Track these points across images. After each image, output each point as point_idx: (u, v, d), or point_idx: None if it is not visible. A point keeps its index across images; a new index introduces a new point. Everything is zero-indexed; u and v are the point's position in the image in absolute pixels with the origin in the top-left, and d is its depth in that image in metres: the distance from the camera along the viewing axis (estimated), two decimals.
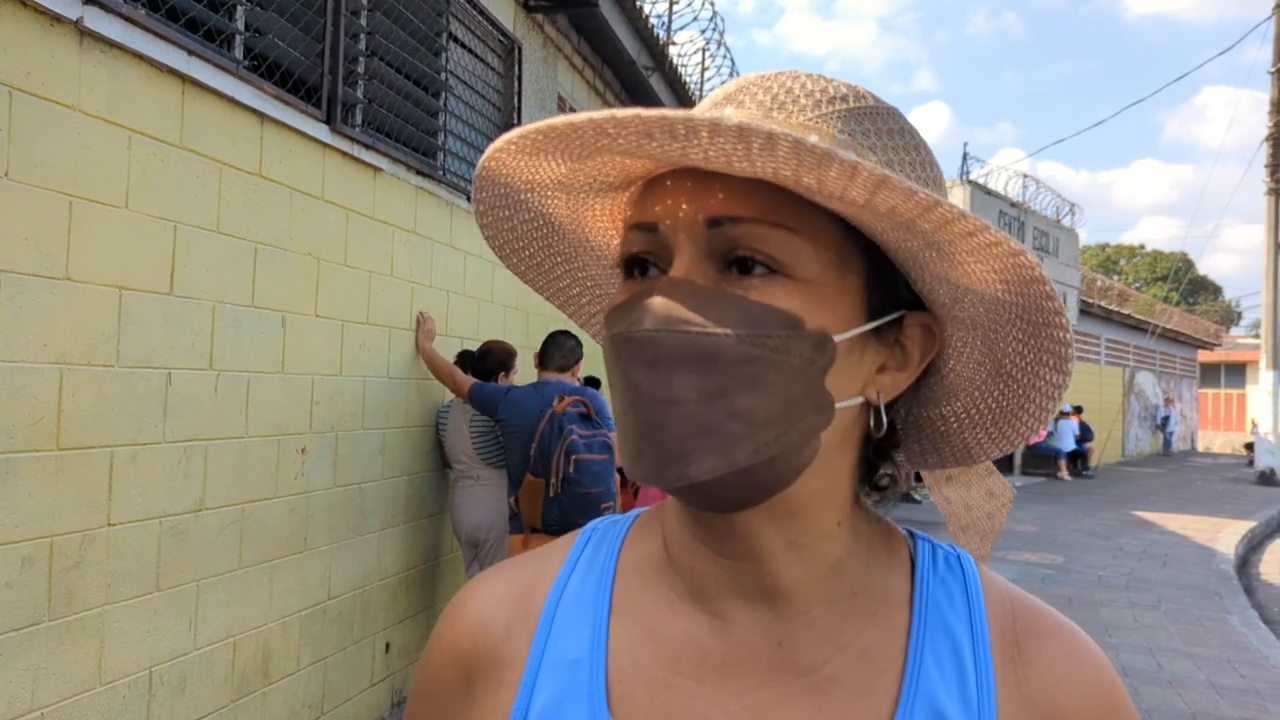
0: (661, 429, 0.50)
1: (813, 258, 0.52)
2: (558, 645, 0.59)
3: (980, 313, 0.56)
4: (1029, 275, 0.50)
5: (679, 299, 0.50)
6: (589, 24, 5.70)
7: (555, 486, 3.56)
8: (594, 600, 0.61)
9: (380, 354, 3.73)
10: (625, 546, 0.64)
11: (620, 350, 0.51)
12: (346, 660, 3.52)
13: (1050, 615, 0.60)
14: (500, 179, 0.59)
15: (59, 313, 2.23)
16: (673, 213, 0.52)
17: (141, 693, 2.52)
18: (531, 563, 0.66)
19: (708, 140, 0.45)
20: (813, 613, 0.58)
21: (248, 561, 2.94)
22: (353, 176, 3.49)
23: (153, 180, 2.51)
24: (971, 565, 0.62)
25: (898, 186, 0.45)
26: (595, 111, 0.46)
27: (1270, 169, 16.35)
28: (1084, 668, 0.57)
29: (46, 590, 2.22)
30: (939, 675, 0.55)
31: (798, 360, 0.51)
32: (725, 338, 0.49)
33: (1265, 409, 16.74)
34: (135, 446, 2.48)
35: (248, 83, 2.84)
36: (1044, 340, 0.54)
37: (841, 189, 0.46)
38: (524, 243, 0.65)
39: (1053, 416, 0.59)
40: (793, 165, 0.45)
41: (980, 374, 0.60)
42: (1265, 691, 4.88)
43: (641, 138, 0.47)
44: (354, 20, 3.48)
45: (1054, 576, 7.74)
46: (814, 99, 0.54)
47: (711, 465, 0.50)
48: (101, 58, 2.33)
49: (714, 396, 0.50)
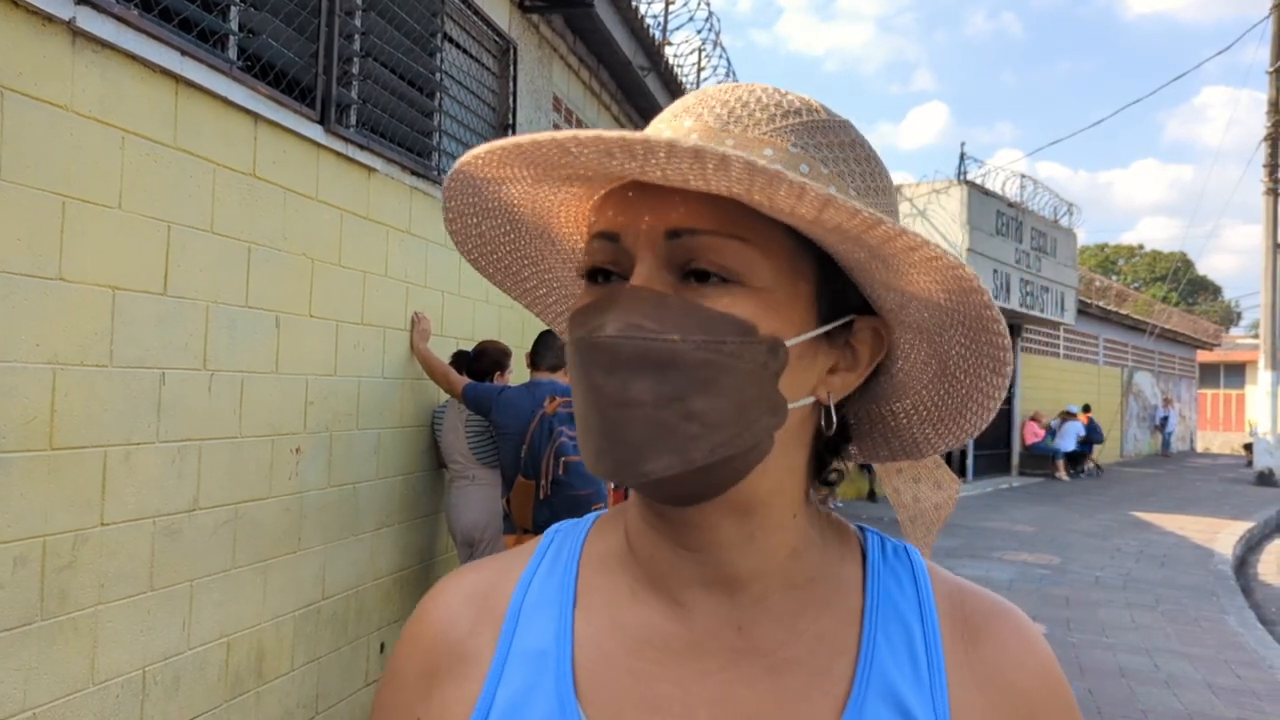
0: (621, 429, 0.52)
1: (766, 267, 0.54)
2: (524, 638, 0.61)
3: (925, 317, 0.59)
4: (967, 286, 0.53)
5: (638, 306, 0.53)
6: (584, 24, 5.70)
7: (545, 488, 3.56)
8: (558, 594, 0.63)
9: (375, 354, 3.74)
10: (588, 542, 0.67)
11: (582, 354, 0.54)
12: (341, 660, 3.52)
13: (995, 599, 0.64)
14: (469, 189, 0.61)
15: (52, 313, 2.23)
16: (634, 224, 0.55)
17: (135, 693, 2.52)
18: (496, 563, 0.68)
19: (665, 160, 0.48)
20: (770, 599, 0.60)
21: (241, 561, 2.94)
22: (347, 177, 3.49)
23: (146, 180, 2.51)
24: (918, 556, 0.66)
25: (842, 206, 0.48)
26: (559, 131, 0.49)
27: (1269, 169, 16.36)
28: (1030, 646, 0.61)
29: (39, 590, 2.22)
30: (892, 657, 0.59)
31: (751, 365, 0.54)
32: (682, 344, 0.52)
33: (1264, 409, 16.75)
34: (128, 446, 2.48)
35: (241, 83, 2.84)
36: (984, 345, 0.58)
37: (790, 206, 0.49)
38: (492, 247, 0.68)
39: (992, 415, 0.62)
40: (745, 184, 0.48)
41: (927, 373, 0.63)
42: (1262, 692, 4.88)
43: (602, 157, 0.50)
44: (348, 20, 3.48)
45: (1051, 577, 7.75)
46: (769, 113, 0.57)
47: (668, 463, 0.53)
48: (94, 58, 2.33)
49: (671, 399, 0.52)
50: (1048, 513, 12.02)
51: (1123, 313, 22.40)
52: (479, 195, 0.62)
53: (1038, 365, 18.24)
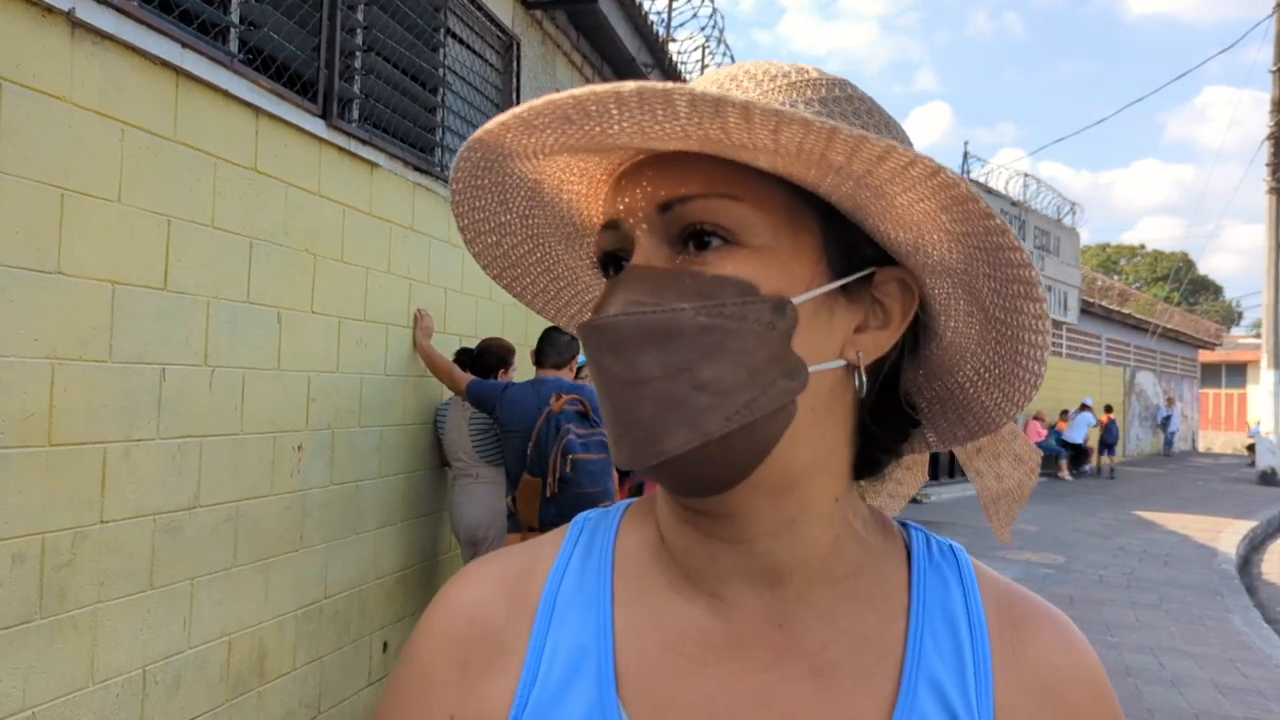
0: (632, 410, 0.51)
1: (761, 222, 0.52)
2: (561, 632, 0.59)
3: (945, 255, 0.55)
4: (957, 194, 0.49)
5: (637, 283, 0.53)
6: (588, 20, 5.68)
7: (552, 486, 3.53)
8: (595, 588, 0.61)
9: (377, 351, 3.71)
10: (620, 535, 0.64)
11: (588, 340, 0.53)
12: (343, 659, 3.49)
13: (1043, 603, 0.62)
14: (476, 204, 0.61)
15: (50, 307, 2.21)
16: (630, 206, 0.55)
17: (135, 692, 2.49)
18: (524, 553, 0.66)
19: (617, 114, 0.47)
20: (813, 594, 0.58)
21: (242, 559, 2.91)
22: (349, 172, 3.46)
23: (146, 174, 2.48)
24: (965, 556, 0.63)
25: (793, 118, 0.44)
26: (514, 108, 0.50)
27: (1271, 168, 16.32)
28: (1078, 652, 0.59)
29: (38, 588, 2.19)
30: (939, 658, 0.56)
31: (757, 326, 0.51)
32: (681, 312, 0.51)
33: (1266, 409, 16.72)
34: (128, 443, 2.45)
35: (242, 76, 2.81)
36: (1005, 267, 0.53)
37: (745, 134, 0.47)
38: (509, 262, 0.67)
39: (1046, 353, 0.57)
40: (692, 120, 0.47)
41: (974, 327, 0.59)
42: (1268, 691, 4.85)
43: (561, 124, 0.50)
44: (350, 14, 3.45)
45: (1055, 576, 7.72)
46: (755, 79, 0.56)
47: (684, 438, 0.51)
48: (93, 49, 2.30)
49: (678, 371, 0.51)
50: (1051, 512, 11.99)
51: (1125, 312, 22.37)
52: (487, 213, 0.62)
53: None
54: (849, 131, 0.45)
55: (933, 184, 0.48)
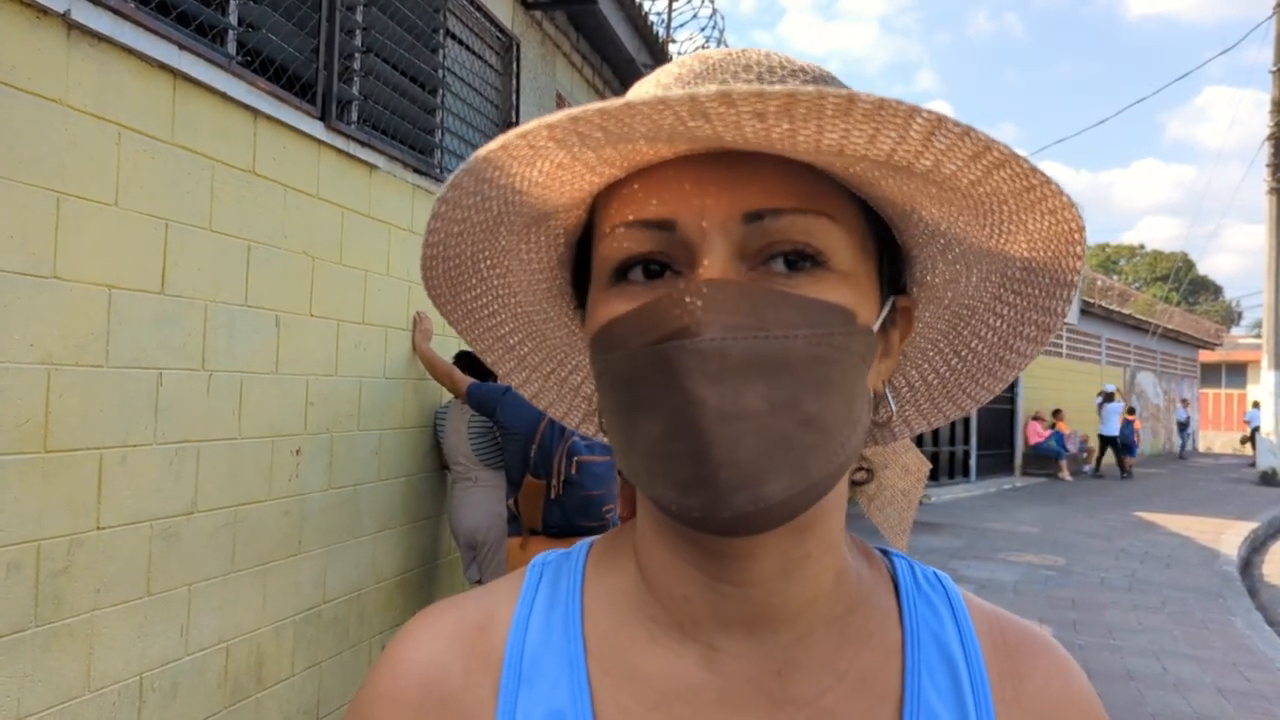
0: (730, 449, 0.44)
1: (849, 247, 0.49)
2: (532, 694, 0.53)
3: (969, 290, 0.54)
4: (1069, 251, 0.49)
5: (730, 302, 0.45)
6: (588, 21, 5.66)
7: (556, 488, 3.51)
8: (565, 642, 0.55)
9: (376, 354, 3.69)
10: (588, 579, 0.58)
11: (674, 363, 0.44)
12: (342, 665, 3.47)
13: (1034, 629, 0.60)
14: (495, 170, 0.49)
15: (46, 312, 2.19)
16: (696, 208, 0.47)
17: (132, 699, 2.47)
18: (479, 600, 0.59)
19: (830, 117, 0.40)
20: (813, 635, 0.54)
21: (240, 565, 2.89)
22: (348, 174, 3.44)
23: (143, 177, 2.46)
24: (951, 583, 0.61)
25: (1021, 165, 0.42)
26: (695, 89, 0.40)
27: (1271, 168, 16.30)
28: (1076, 681, 0.58)
29: (33, 595, 2.17)
30: (938, 697, 0.53)
31: (855, 357, 0.48)
32: (793, 339, 0.45)
33: (1267, 409, 16.70)
34: (125, 448, 2.43)
35: (240, 78, 2.79)
36: (1033, 312, 0.53)
37: (956, 169, 0.43)
38: (460, 247, 0.56)
39: (1004, 386, 0.58)
40: (915, 143, 0.41)
41: (929, 351, 0.58)
42: (1271, 695, 4.83)
43: (749, 118, 0.41)
44: (349, 16, 3.43)
45: (1056, 578, 7.70)
46: (799, 79, 0.51)
47: (789, 482, 0.45)
48: (90, 51, 2.28)
49: (785, 406, 0.45)
50: (1051, 513, 11.97)
51: (1125, 313, 22.34)
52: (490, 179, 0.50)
53: (1040, 365, 18.18)
54: (1025, 160, 0.43)
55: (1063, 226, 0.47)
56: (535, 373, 0.65)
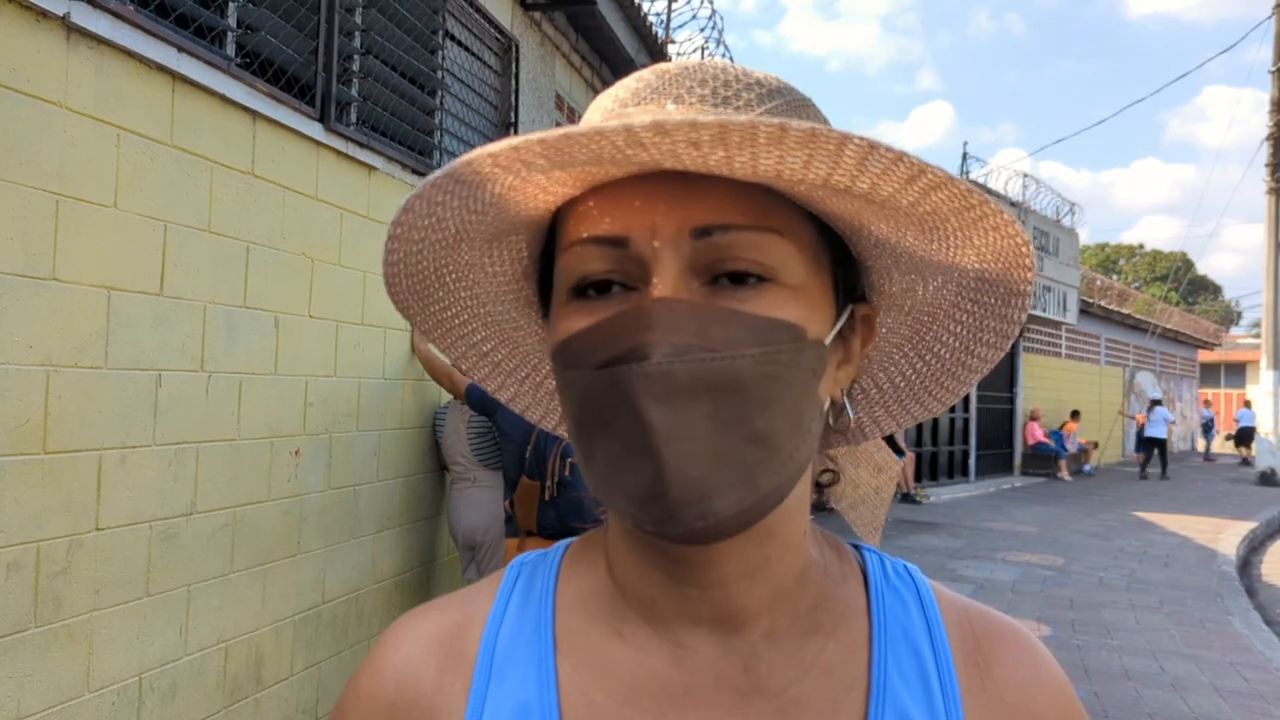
0: (680, 467, 0.45)
1: (799, 262, 0.50)
2: (501, 690, 0.55)
3: (927, 297, 0.56)
4: (1018, 264, 0.51)
5: (678, 322, 0.46)
6: (587, 22, 5.66)
7: (550, 490, 3.52)
8: (535, 639, 0.56)
9: (375, 355, 3.69)
10: (561, 579, 0.60)
11: (624, 385, 0.46)
12: (341, 665, 3.47)
13: (1004, 619, 0.61)
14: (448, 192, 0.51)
15: (45, 314, 2.19)
16: (647, 224, 0.48)
17: (131, 700, 2.48)
18: (457, 602, 0.61)
19: (764, 145, 0.41)
20: (778, 631, 0.55)
21: (240, 565, 2.90)
22: (347, 175, 3.45)
23: (142, 179, 2.46)
24: (920, 575, 0.62)
25: (957, 188, 0.44)
26: (628, 119, 0.41)
27: (1270, 168, 16.31)
28: (1046, 668, 0.58)
29: (33, 596, 2.18)
30: (904, 686, 0.55)
31: (804, 372, 0.49)
32: (740, 359, 0.46)
33: (1266, 409, 16.71)
34: (124, 449, 2.43)
35: (239, 80, 2.80)
36: (991, 319, 0.55)
37: (892, 191, 0.44)
38: (423, 262, 0.58)
39: (966, 392, 0.60)
40: (850, 170, 0.42)
41: (894, 355, 0.60)
42: (1269, 695, 4.84)
43: (685, 146, 0.42)
44: (348, 17, 3.44)
45: (1055, 578, 7.71)
46: (755, 93, 0.52)
47: (737, 497, 0.46)
48: (89, 54, 2.28)
49: (731, 424, 0.46)
50: (1050, 513, 11.98)
51: (1124, 312, 22.35)
52: (447, 198, 0.52)
53: (1040, 365, 18.19)
54: (965, 185, 0.44)
55: (1007, 243, 0.49)
56: (510, 377, 0.67)
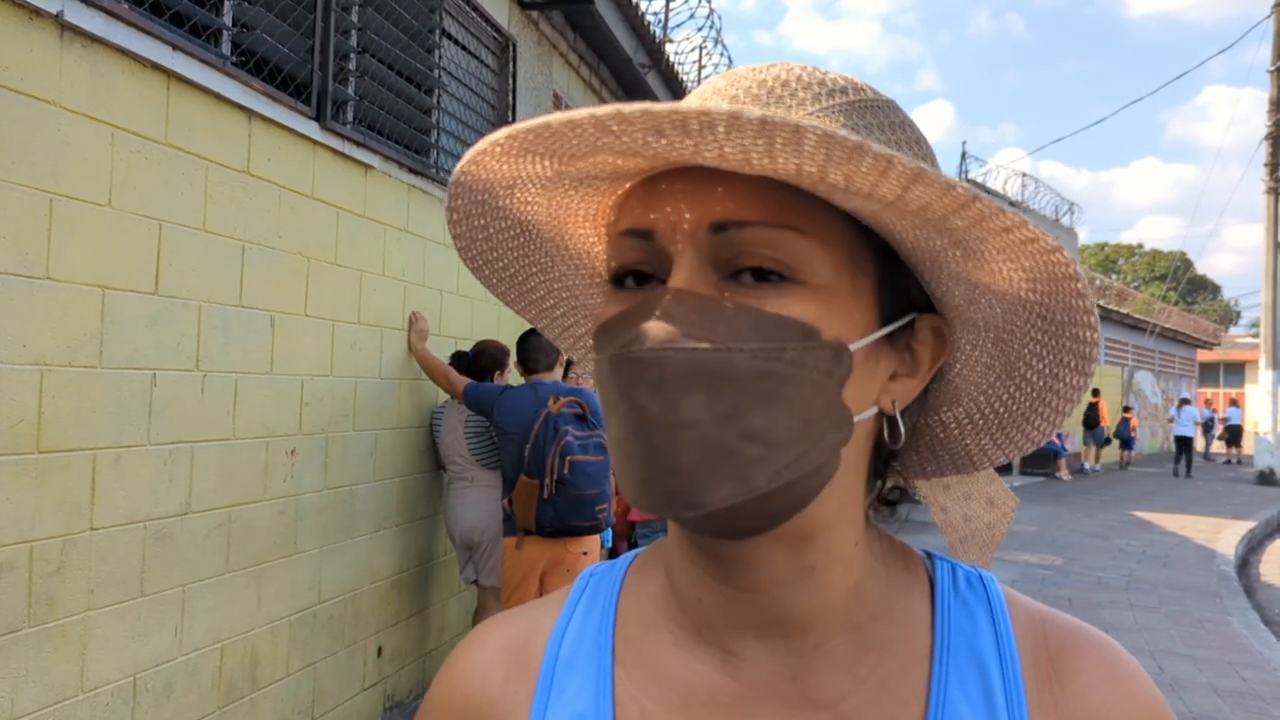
0: (671, 455, 0.46)
1: (824, 261, 0.48)
2: (561, 699, 0.56)
3: (996, 313, 0.53)
4: (1062, 273, 0.47)
5: (683, 313, 0.46)
6: (584, 21, 5.65)
7: (549, 488, 3.51)
8: (595, 648, 0.57)
9: (372, 354, 3.69)
10: (624, 588, 0.61)
11: (620, 371, 0.47)
12: (337, 664, 3.47)
13: (1086, 630, 0.57)
14: (480, 184, 0.54)
15: (39, 313, 2.19)
16: (670, 218, 0.48)
17: (125, 700, 2.47)
18: (529, 612, 0.63)
19: (724, 136, 0.41)
20: (830, 643, 0.54)
21: (235, 565, 2.89)
22: (343, 174, 3.44)
23: (137, 177, 2.46)
24: (995, 584, 0.59)
25: (934, 181, 0.41)
26: (597, 107, 0.42)
27: (1269, 167, 16.32)
28: (1127, 684, 0.54)
29: (26, 596, 2.17)
30: (966, 703, 0.52)
31: (815, 374, 0.47)
32: (737, 353, 0.46)
33: (1265, 408, 16.72)
34: (119, 449, 2.43)
35: (235, 79, 2.79)
36: (1066, 340, 0.51)
37: (871, 185, 0.43)
38: (499, 253, 0.60)
39: (1065, 419, 0.56)
40: (819, 160, 0.41)
41: (989, 377, 0.57)
42: (1267, 695, 4.83)
43: (649, 135, 0.43)
44: (345, 16, 3.43)
45: (1053, 578, 7.71)
46: (813, 92, 0.51)
47: (728, 492, 0.46)
48: (83, 52, 2.28)
49: (728, 418, 0.46)
50: (1049, 513, 11.98)
51: (1123, 312, 22.34)
52: (488, 194, 0.55)
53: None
54: (987, 202, 0.42)
55: (1043, 258, 0.47)
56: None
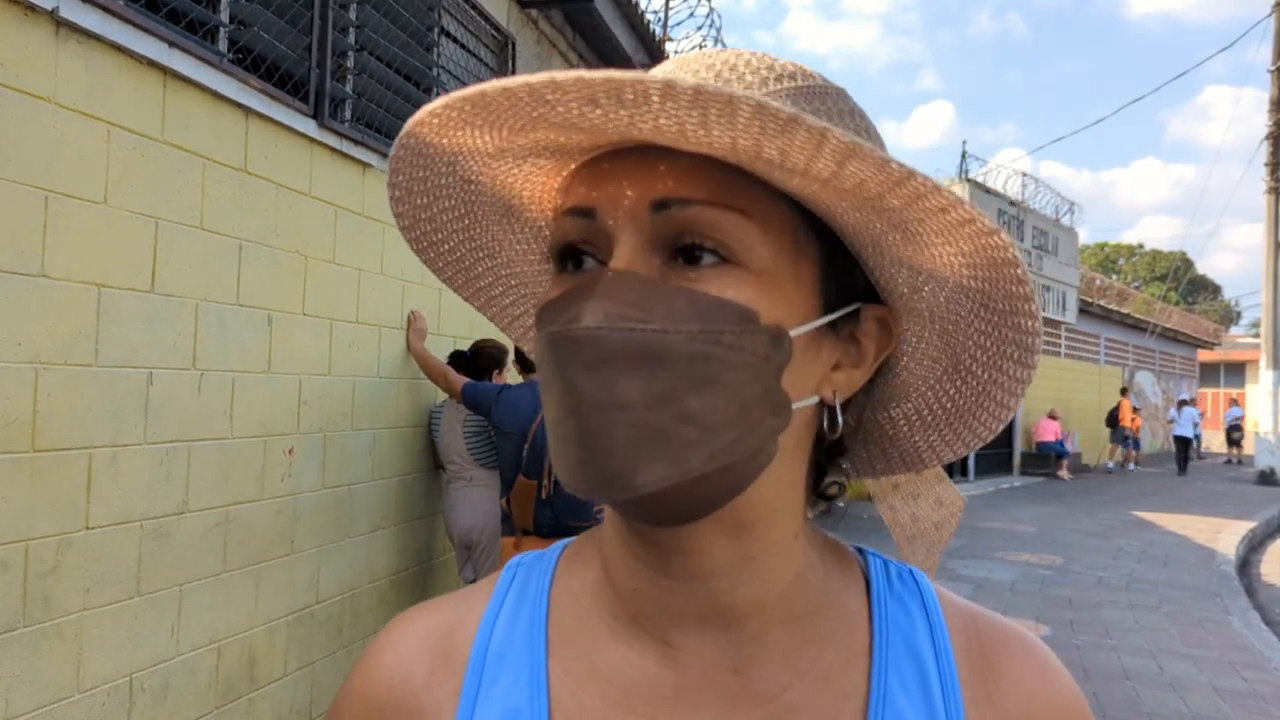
0: (605, 437, 0.45)
1: (766, 245, 0.48)
2: (492, 693, 0.54)
3: (940, 303, 0.53)
4: (1001, 257, 0.47)
5: (621, 293, 0.46)
6: (584, 19, 5.64)
7: (547, 488, 3.50)
8: (527, 640, 0.56)
9: (370, 353, 3.68)
10: (557, 578, 0.59)
11: (557, 350, 0.46)
12: (335, 664, 3.46)
13: (1014, 628, 0.58)
14: (420, 159, 0.52)
15: (34, 310, 2.17)
16: (612, 196, 0.48)
17: (122, 700, 2.46)
18: (453, 602, 0.61)
19: (659, 106, 0.40)
20: (770, 634, 0.54)
21: (232, 565, 2.88)
22: (341, 172, 3.43)
23: (133, 175, 2.45)
24: (926, 581, 0.60)
25: (869, 155, 0.41)
26: (532, 75, 0.41)
27: (1270, 167, 16.31)
28: (1055, 679, 0.56)
29: (21, 595, 2.16)
30: (905, 696, 0.53)
31: (753, 358, 0.47)
32: (674, 334, 0.45)
33: (1265, 408, 16.71)
34: (115, 448, 2.42)
35: (232, 76, 2.78)
36: (1008, 330, 0.51)
37: (806, 160, 0.42)
38: (443, 234, 0.59)
39: (1010, 415, 0.56)
40: (754, 133, 0.41)
41: (935, 371, 0.57)
42: (1268, 695, 4.83)
43: (584, 105, 0.42)
44: (343, 14, 3.42)
45: (1054, 577, 7.70)
46: (760, 75, 0.51)
47: (662, 474, 0.45)
48: (78, 49, 2.27)
49: (663, 399, 0.45)
50: (1049, 512, 11.97)
51: (1124, 312, 22.35)
52: (430, 170, 0.54)
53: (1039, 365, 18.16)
54: (923, 179, 0.42)
55: (981, 240, 0.46)
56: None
